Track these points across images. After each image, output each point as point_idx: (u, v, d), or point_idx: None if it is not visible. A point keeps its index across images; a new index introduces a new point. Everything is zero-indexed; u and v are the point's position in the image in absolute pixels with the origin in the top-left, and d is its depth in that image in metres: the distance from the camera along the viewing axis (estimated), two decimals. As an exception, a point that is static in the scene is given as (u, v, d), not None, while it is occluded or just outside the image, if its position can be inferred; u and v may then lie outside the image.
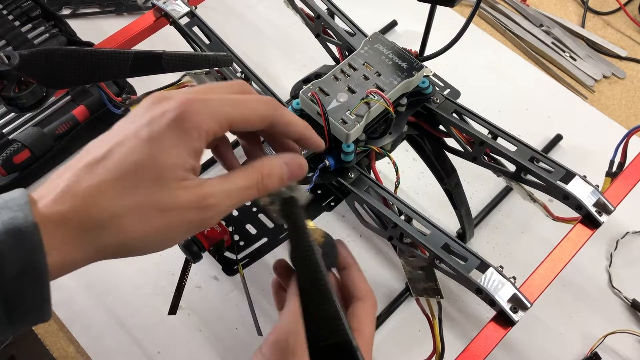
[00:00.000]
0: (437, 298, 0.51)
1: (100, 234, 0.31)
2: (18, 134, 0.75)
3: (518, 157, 0.51)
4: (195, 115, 0.32)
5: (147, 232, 0.32)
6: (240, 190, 0.34)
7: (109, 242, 0.32)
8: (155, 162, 0.32)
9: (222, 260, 0.51)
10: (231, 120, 0.34)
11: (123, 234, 0.32)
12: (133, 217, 0.32)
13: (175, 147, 0.32)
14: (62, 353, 0.66)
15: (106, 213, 0.31)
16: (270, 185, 0.35)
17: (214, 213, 0.33)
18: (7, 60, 0.45)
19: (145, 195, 0.32)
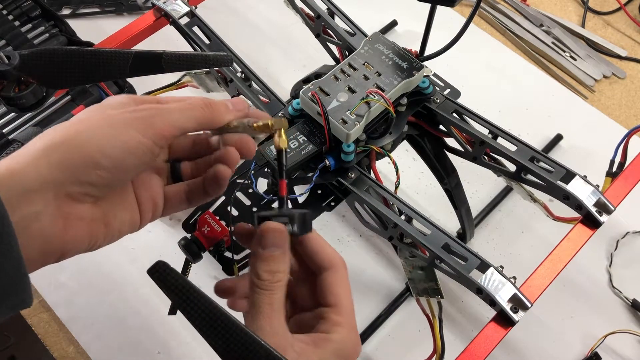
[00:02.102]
0: (437, 298, 0.51)
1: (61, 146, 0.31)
2: (18, 134, 0.75)
3: (518, 157, 0.51)
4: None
5: (91, 125, 0.32)
6: (186, 105, 0.34)
7: (53, 138, 0.31)
8: None
9: (222, 260, 0.51)
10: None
11: (65, 129, 0.32)
12: (76, 121, 0.32)
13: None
14: (62, 353, 0.66)
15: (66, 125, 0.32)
16: (217, 111, 0.35)
17: (163, 118, 0.33)
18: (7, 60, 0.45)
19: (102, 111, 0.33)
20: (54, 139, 0.31)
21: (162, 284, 0.33)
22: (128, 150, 0.32)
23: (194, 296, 0.34)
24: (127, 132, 0.32)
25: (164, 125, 0.33)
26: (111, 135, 0.32)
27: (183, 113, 0.34)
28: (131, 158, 0.33)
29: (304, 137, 0.49)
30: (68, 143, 0.31)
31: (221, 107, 0.36)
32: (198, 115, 0.35)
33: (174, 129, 0.34)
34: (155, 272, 0.34)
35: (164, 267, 0.34)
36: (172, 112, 0.34)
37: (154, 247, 0.72)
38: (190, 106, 0.35)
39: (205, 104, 0.35)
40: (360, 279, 0.71)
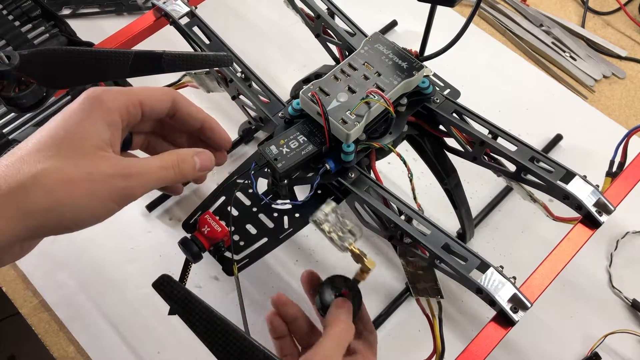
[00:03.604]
0: (437, 298, 0.51)
1: (25, 195, 0.32)
2: (18, 134, 0.75)
3: (518, 157, 0.51)
4: (104, 94, 0.37)
5: (73, 195, 0.34)
6: (158, 168, 0.38)
7: (35, 205, 0.33)
8: (71, 133, 0.35)
9: (222, 260, 0.51)
10: (139, 98, 0.39)
11: (48, 195, 0.33)
12: (56, 177, 0.33)
13: (87, 119, 0.36)
14: (62, 353, 0.66)
15: (27, 174, 0.33)
16: (185, 170, 0.39)
17: (137, 182, 0.36)
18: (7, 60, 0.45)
19: (66, 161, 0.34)
20: (36, 204, 0.33)
21: (166, 296, 0.37)
22: (98, 218, 0.36)
23: (195, 305, 0.36)
24: (105, 205, 0.35)
25: (139, 192, 0.37)
26: (89, 209, 0.35)
27: (158, 178, 0.38)
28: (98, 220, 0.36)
29: (304, 137, 0.49)
30: (48, 214, 0.33)
31: (190, 168, 0.40)
32: (169, 178, 0.39)
33: (145, 191, 0.37)
34: (160, 285, 0.37)
35: (168, 280, 0.37)
36: (150, 177, 0.37)
37: (154, 247, 0.72)
38: (165, 170, 0.38)
39: (176, 165, 0.39)
40: (360, 279, 0.71)
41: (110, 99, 0.37)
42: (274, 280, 0.70)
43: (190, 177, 0.40)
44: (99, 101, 0.37)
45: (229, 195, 0.53)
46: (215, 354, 0.36)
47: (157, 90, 0.40)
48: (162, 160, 0.39)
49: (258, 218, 0.53)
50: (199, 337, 0.36)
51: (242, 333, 0.36)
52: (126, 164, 0.36)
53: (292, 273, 0.71)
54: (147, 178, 0.37)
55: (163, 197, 0.75)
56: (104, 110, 0.37)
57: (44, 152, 0.34)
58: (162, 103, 0.40)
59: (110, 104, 0.37)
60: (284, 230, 0.52)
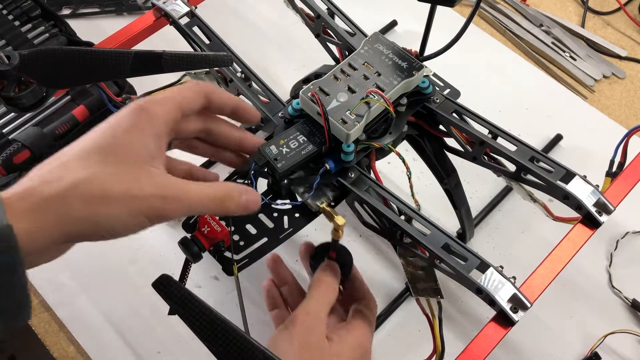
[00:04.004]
0: (437, 298, 0.51)
1: (64, 203, 0.32)
2: (18, 134, 0.75)
3: (518, 157, 0.51)
4: (150, 104, 0.37)
5: (111, 208, 0.34)
6: (200, 196, 0.37)
7: (73, 213, 0.33)
8: (115, 144, 0.35)
9: (222, 260, 0.51)
10: (179, 102, 0.39)
11: (87, 205, 0.33)
12: (96, 188, 0.33)
13: (134, 130, 0.35)
14: (62, 353, 0.66)
15: (69, 183, 0.33)
16: (228, 207, 0.39)
17: (174, 206, 0.35)
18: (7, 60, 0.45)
19: (108, 172, 0.34)
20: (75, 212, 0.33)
21: (165, 296, 0.36)
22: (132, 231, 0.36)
23: (195, 305, 0.36)
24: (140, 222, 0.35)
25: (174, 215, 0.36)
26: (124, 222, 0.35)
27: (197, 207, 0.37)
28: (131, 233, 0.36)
29: (304, 137, 0.49)
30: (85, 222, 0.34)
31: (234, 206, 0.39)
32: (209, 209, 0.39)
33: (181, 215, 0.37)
34: (160, 285, 0.37)
35: (167, 280, 0.37)
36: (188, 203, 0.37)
37: (154, 247, 0.72)
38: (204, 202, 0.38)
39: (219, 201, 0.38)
40: (360, 279, 0.71)
41: (156, 109, 0.37)
42: (274, 280, 0.70)
43: (231, 214, 0.40)
44: (145, 112, 0.37)
45: (229, 195, 0.53)
46: (215, 354, 0.36)
47: (191, 88, 0.41)
48: (208, 189, 0.38)
49: (258, 218, 0.53)
50: (199, 337, 0.36)
51: (242, 333, 0.36)
52: (167, 184, 0.36)
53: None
54: (185, 204, 0.36)
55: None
56: (150, 121, 0.36)
57: (86, 160, 0.34)
58: (197, 101, 0.41)
59: (156, 114, 0.37)
60: (284, 230, 0.52)
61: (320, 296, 0.47)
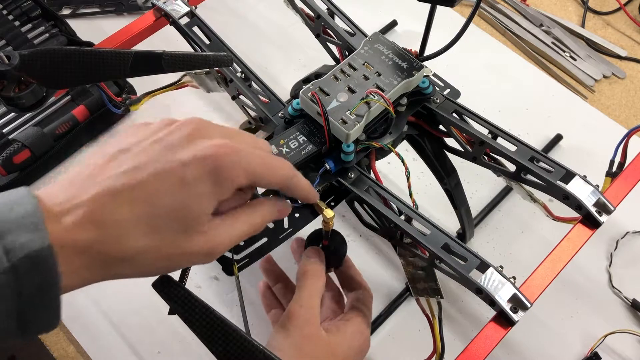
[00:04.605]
0: (437, 298, 0.51)
1: (119, 267, 0.33)
2: (18, 134, 0.75)
3: (518, 157, 0.51)
4: (230, 168, 0.34)
5: (159, 268, 0.35)
6: (242, 234, 0.37)
7: (124, 273, 0.34)
8: (185, 209, 0.33)
9: (222, 260, 0.51)
10: (256, 177, 0.36)
11: (140, 268, 0.34)
12: (152, 255, 0.33)
13: (206, 197, 0.34)
14: (62, 353, 0.66)
15: (130, 251, 0.32)
16: (261, 228, 0.40)
17: (218, 255, 0.36)
18: (7, 60, 0.45)
19: (167, 237, 0.33)
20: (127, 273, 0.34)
21: (165, 296, 0.37)
22: None
23: (195, 305, 0.36)
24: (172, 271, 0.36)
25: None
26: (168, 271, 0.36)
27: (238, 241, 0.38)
28: None
29: (303, 137, 0.49)
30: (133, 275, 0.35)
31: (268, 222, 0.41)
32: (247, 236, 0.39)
33: None
34: (160, 285, 0.37)
35: (167, 280, 0.37)
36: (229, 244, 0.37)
37: (154, 247, 0.72)
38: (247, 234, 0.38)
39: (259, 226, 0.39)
40: (360, 279, 0.71)
41: (232, 177, 0.34)
42: (274, 280, 0.70)
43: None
44: (221, 178, 0.34)
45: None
46: (215, 354, 0.36)
47: (279, 176, 0.38)
48: (249, 224, 0.38)
49: (258, 218, 0.53)
50: (199, 337, 0.36)
51: (242, 333, 0.36)
52: (217, 240, 0.35)
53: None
54: (227, 249, 0.37)
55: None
56: (222, 188, 0.34)
57: (150, 222, 0.32)
58: (276, 184, 0.39)
59: (231, 182, 0.34)
60: (284, 230, 0.52)
61: (309, 287, 0.47)
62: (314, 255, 0.50)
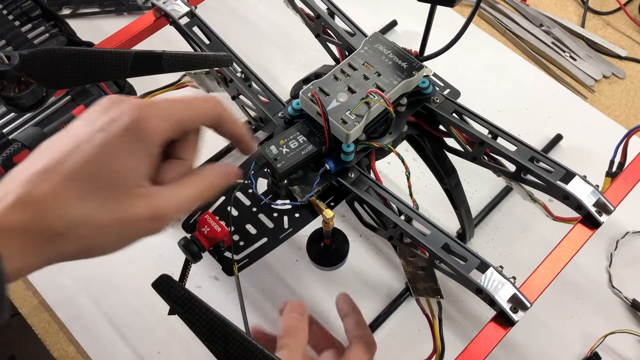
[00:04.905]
0: (437, 298, 0.51)
1: (58, 242, 0.32)
2: (18, 134, 0.75)
3: (518, 157, 0.51)
4: (147, 119, 0.33)
5: (103, 240, 0.33)
6: (189, 199, 0.36)
7: (67, 249, 0.33)
8: (110, 169, 0.32)
9: (222, 260, 0.51)
10: (181, 121, 0.35)
11: (80, 240, 0.32)
12: (90, 225, 0.32)
13: (129, 153, 0.33)
14: (62, 353, 0.66)
15: (64, 222, 0.31)
16: (212, 194, 0.38)
17: (166, 222, 0.35)
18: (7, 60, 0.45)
19: (101, 203, 0.32)
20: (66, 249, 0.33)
21: (165, 296, 0.36)
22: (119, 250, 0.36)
23: (195, 305, 0.36)
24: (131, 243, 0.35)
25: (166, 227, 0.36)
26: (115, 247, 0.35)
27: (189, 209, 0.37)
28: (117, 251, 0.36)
29: (303, 137, 0.49)
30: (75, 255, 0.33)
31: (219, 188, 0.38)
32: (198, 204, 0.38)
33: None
34: (160, 285, 0.37)
35: (167, 280, 0.37)
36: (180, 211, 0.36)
37: (154, 247, 0.72)
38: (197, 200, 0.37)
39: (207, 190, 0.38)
40: (360, 279, 0.71)
41: (156, 129, 0.34)
42: (274, 280, 0.70)
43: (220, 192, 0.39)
44: (144, 131, 0.33)
45: (228, 195, 0.53)
46: (215, 354, 0.36)
47: (203, 109, 0.37)
48: (195, 189, 0.37)
49: (258, 218, 0.53)
50: (199, 337, 0.36)
51: (242, 333, 0.36)
52: (159, 204, 0.34)
53: (292, 273, 0.71)
54: (177, 213, 0.36)
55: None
56: (148, 142, 0.34)
57: (79, 189, 0.32)
58: (204, 122, 0.37)
59: (156, 135, 0.34)
60: (284, 230, 0.52)
61: (291, 345, 0.44)
62: (294, 310, 0.47)
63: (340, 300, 0.53)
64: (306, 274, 0.71)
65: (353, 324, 0.51)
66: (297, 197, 0.51)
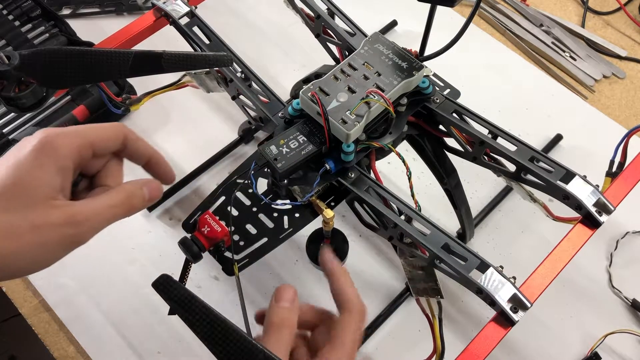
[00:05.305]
0: (437, 298, 0.51)
1: None
2: (18, 134, 0.75)
3: (518, 157, 0.51)
4: (55, 138, 0.36)
5: (20, 248, 0.34)
6: (108, 208, 0.37)
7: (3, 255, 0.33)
8: (21, 183, 0.34)
9: (222, 260, 0.51)
10: (91, 140, 0.38)
11: (9, 245, 0.33)
12: (3, 231, 0.33)
13: (39, 168, 0.35)
14: (62, 353, 0.66)
15: None
16: (135, 204, 0.39)
17: (87, 228, 0.36)
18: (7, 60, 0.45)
19: (15, 214, 0.33)
20: None
21: (165, 296, 0.37)
22: (46, 265, 0.36)
23: (195, 305, 0.36)
24: (54, 254, 0.35)
25: (90, 236, 0.37)
26: (36, 259, 0.35)
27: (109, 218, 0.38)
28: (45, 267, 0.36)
29: (304, 137, 0.49)
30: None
31: (139, 202, 0.40)
32: (120, 215, 0.39)
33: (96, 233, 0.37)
34: (160, 285, 0.37)
35: (168, 280, 0.37)
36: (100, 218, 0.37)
37: (154, 247, 0.72)
38: (115, 209, 0.38)
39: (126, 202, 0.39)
40: (360, 279, 0.71)
41: (64, 144, 0.36)
42: (274, 281, 0.70)
43: (141, 209, 0.40)
44: (51, 147, 0.36)
45: (228, 195, 0.53)
46: (215, 354, 0.36)
47: (108, 128, 0.40)
48: (111, 199, 0.38)
49: (258, 218, 0.53)
50: (199, 338, 0.36)
51: (243, 333, 0.36)
52: (75, 210, 0.36)
53: (292, 273, 0.71)
54: (97, 220, 0.37)
55: (163, 197, 0.75)
56: (56, 156, 0.36)
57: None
58: (113, 142, 0.40)
59: (63, 149, 0.36)
60: (284, 230, 0.52)
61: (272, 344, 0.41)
62: (283, 298, 0.43)
63: (323, 255, 0.49)
64: (306, 274, 0.71)
65: (339, 287, 0.46)
66: (297, 197, 0.51)
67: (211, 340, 0.36)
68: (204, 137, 0.81)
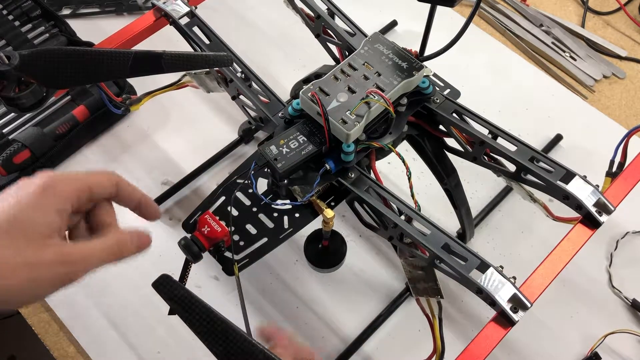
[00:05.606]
0: (437, 298, 0.51)
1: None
2: (18, 134, 0.75)
3: (518, 157, 0.51)
4: (54, 181, 0.38)
5: (13, 282, 0.35)
6: (100, 251, 0.39)
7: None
8: (20, 221, 0.36)
9: (222, 260, 0.51)
10: (89, 184, 0.40)
11: (5, 278, 0.34)
12: (7, 266, 0.34)
13: (39, 207, 0.36)
14: (62, 353, 0.66)
15: None
16: (125, 252, 0.41)
17: (78, 268, 0.38)
18: (7, 60, 0.45)
19: (12, 250, 0.35)
20: None
21: (166, 296, 0.37)
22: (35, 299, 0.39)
23: (195, 305, 0.37)
24: (44, 291, 0.37)
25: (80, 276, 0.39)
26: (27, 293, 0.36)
27: (100, 261, 0.39)
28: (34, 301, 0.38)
29: (304, 137, 0.49)
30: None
31: (130, 251, 0.42)
32: (111, 260, 0.40)
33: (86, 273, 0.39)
34: (160, 285, 0.38)
35: (168, 280, 0.38)
36: (92, 261, 0.39)
37: (154, 247, 0.71)
38: (106, 253, 0.40)
39: (117, 250, 0.40)
40: (360, 279, 0.71)
41: (64, 187, 0.38)
42: (274, 280, 0.70)
43: (130, 256, 0.42)
44: (53, 189, 0.37)
45: (228, 195, 0.53)
46: (215, 354, 0.36)
47: (103, 175, 0.42)
48: (104, 243, 0.40)
49: (258, 218, 0.53)
50: (199, 337, 0.36)
51: (242, 333, 0.36)
52: (69, 250, 0.37)
53: (292, 273, 0.71)
54: (89, 262, 0.38)
55: (163, 197, 0.75)
56: (56, 198, 0.37)
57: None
58: (107, 188, 0.41)
59: (64, 192, 0.38)
60: (284, 230, 0.52)
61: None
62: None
63: None
64: (306, 274, 0.71)
65: None
66: (298, 197, 0.51)
67: (211, 340, 0.36)
68: (204, 137, 0.81)
